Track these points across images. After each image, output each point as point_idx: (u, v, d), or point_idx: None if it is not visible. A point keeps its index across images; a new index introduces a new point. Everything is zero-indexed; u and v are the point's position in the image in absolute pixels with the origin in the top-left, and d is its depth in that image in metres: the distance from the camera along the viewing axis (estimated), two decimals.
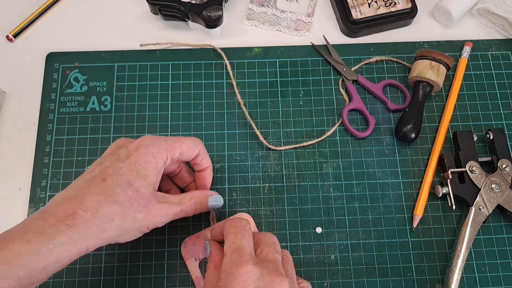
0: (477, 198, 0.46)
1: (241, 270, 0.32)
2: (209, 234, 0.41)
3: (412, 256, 0.46)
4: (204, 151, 0.43)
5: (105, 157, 0.38)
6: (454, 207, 0.46)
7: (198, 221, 0.47)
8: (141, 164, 0.37)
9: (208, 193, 0.43)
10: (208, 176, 0.44)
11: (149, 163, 0.37)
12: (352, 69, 0.53)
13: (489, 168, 0.48)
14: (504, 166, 0.47)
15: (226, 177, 0.49)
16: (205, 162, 0.43)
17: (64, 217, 0.32)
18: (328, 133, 0.50)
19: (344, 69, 0.53)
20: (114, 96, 0.52)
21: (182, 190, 0.46)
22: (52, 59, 0.53)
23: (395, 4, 0.55)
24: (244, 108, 0.51)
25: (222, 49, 0.54)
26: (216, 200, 0.43)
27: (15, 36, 0.55)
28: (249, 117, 0.50)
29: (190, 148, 0.40)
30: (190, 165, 0.47)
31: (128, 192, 0.35)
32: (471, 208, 0.45)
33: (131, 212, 0.35)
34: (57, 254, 0.31)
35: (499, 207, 0.46)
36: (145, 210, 0.36)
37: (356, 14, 0.54)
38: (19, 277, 0.30)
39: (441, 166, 0.49)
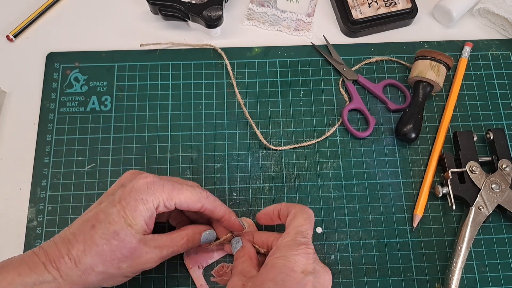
0: (477, 198, 0.46)
1: (303, 249, 0.35)
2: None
3: (412, 256, 0.46)
4: (212, 203, 0.40)
5: (107, 195, 0.38)
6: (454, 207, 0.46)
7: None
8: (130, 211, 0.36)
9: (202, 228, 0.41)
10: (230, 225, 0.42)
11: (138, 211, 0.36)
12: (352, 69, 0.53)
13: (489, 168, 0.48)
14: (504, 166, 0.47)
15: (226, 177, 0.49)
16: (217, 213, 0.41)
17: (52, 259, 0.34)
18: (328, 133, 0.50)
19: (344, 69, 0.53)
20: (114, 96, 0.52)
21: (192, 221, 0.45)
22: (52, 59, 0.53)
23: (395, 4, 0.55)
24: (244, 108, 0.51)
25: (222, 49, 0.54)
26: (209, 236, 0.41)
27: (16, 36, 0.55)
28: (249, 117, 0.50)
29: (190, 200, 0.38)
30: None
31: (113, 243, 0.35)
32: (471, 208, 0.45)
33: (114, 263, 0.35)
34: None
35: (499, 207, 0.46)
36: (130, 259, 0.36)
37: (356, 14, 0.54)
38: None
39: (441, 166, 0.49)
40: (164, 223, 0.45)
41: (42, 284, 0.33)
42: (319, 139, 0.50)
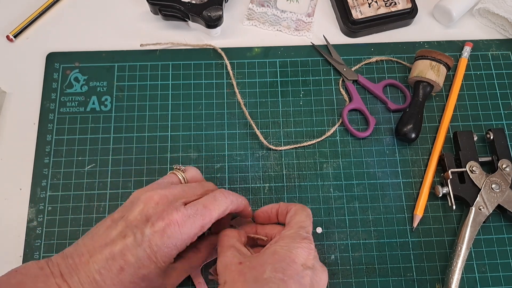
0: (477, 198, 0.46)
1: (306, 243, 0.36)
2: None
3: (412, 256, 0.46)
4: (236, 204, 0.39)
5: (130, 226, 0.35)
6: (454, 207, 0.46)
7: None
8: (161, 257, 0.34)
9: (214, 241, 0.41)
10: (245, 214, 0.42)
11: (169, 256, 0.35)
12: (352, 69, 0.53)
13: (489, 168, 0.48)
14: (504, 166, 0.47)
15: (226, 177, 0.49)
16: (239, 209, 0.40)
17: None
18: (328, 133, 0.50)
19: (344, 69, 0.53)
20: (114, 96, 0.52)
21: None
22: (52, 59, 0.53)
23: (395, 4, 0.55)
24: (244, 108, 0.51)
25: (222, 49, 0.54)
26: None
27: (16, 36, 0.55)
28: (249, 117, 0.50)
29: (219, 216, 0.37)
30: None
31: (141, 285, 0.34)
32: (471, 208, 0.45)
33: None
34: None
35: (499, 207, 0.45)
36: None
37: (356, 14, 0.54)
38: None
39: (441, 166, 0.49)
40: None
41: None
42: (319, 139, 0.50)
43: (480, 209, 0.45)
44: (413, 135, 0.48)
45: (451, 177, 0.46)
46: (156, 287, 0.36)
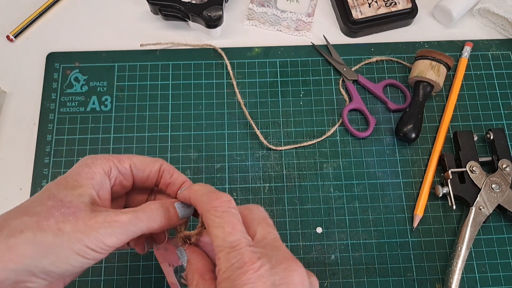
0: (478, 198, 0.46)
1: (248, 273, 0.26)
2: (180, 242, 0.34)
3: (412, 256, 0.46)
4: (171, 166, 0.35)
5: None
6: (454, 207, 0.46)
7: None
8: (72, 177, 0.31)
9: (171, 200, 0.34)
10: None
11: (82, 174, 0.31)
12: (353, 69, 0.53)
13: (490, 168, 0.48)
14: (504, 166, 0.47)
15: (227, 177, 0.49)
16: (176, 178, 0.35)
17: None
18: (329, 133, 0.50)
19: (345, 69, 0.53)
20: (114, 96, 0.52)
21: None
22: (53, 59, 0.53)
23: (395, 4, 0.55)
24: (244, 108, 0.51)
25: (223, 49, 0.54)
26: (183, 208, 0.34)
27: (16, 36, 0.55)
28: (249, 117, 0.50)
29: (145, 161, 0.34)
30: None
31: (48, 203, 0.28)
32: (472, 208, 0.45)
33: (51, 222, 0.27)
34: None
35: (499, 207, 0.45)
36: (74, 219, 0.28)
37: (356, 14, 0.54)
38: None
39: (442, 166, 0.49)
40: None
41: None
42: (319, 139, 0.50)
43: (480, 209, 0.45)
44: (413, 135, 0.48)
45: (451, 177, 0.46)
46: (75, 210, 0.28)
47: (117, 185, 0.34)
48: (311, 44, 0.55)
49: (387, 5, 0.55)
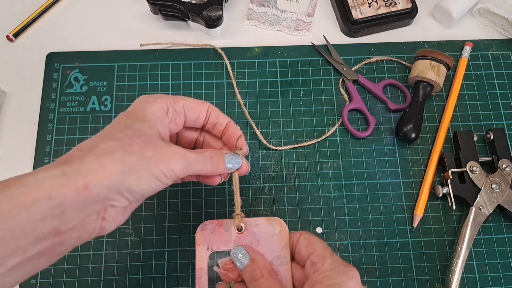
0: (478, 198, 0.46)
1: (352, 271, 0.31)
2: (233, 227, 0.37)
3: (412, 256, 0.46)
4: (217, 109, 0.39)
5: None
6: (454, 207, 0.46)
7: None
8: (138, 112, 0.34)
9: (223, 150, 0.38)
10: (234, 133, 0.39)
11: (147, 110, 0.34)
12: (352, 69, 0.53)
13: (490, 168, 0.48)
14: (504, 166, 0.47)
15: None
16: (222, 119, 0.39)
17: (58, 161, 0.30)
18: (328, 133, 0.50)
19: (344, 69, 0.53)
20: (114, 96, 0.52)
21: None
22: (52, 59, 0.53)
23: (395, 4, 0.55)
24: (244, 108, 0.51)
25: (222, 49, 0.54)
26: (233, 160, 0.37)
27: (16, 36, 0.55)
28: (249, 117, 0.50)
29: (195, 102, 0.38)
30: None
31: (127, 132, 0.32)
32: (472, 208, 0.45)
33: (135, 147, 0.31)
34: (47, 188, 0.27)
35: (499, 207, 0.45)
36: (152, 147, 0.32)
37: (356, 14, 0.54)
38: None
39: (441, 166, 0.49)
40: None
41: (47, 179, 0.28)
42: (319, 139, 0.50)
43: (480, 209, 0.45)
44: (413, 135, 0.48)
45: (451, 177, 0.46)
46: (151, 138, 0.32)
47: (172, 123, 0.37)
48: (311, 44, 0.55)
49: (387, 5, 0.55)
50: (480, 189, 0.46)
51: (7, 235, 0.26)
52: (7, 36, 0.54)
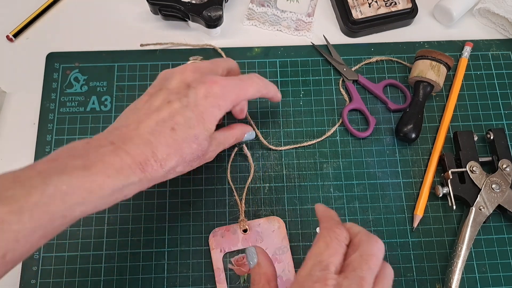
0: (478, 198, 0.46)
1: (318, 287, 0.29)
2: (239, 230, 0.45)
3: (412, 256, 0.46)
4: (266, 88, 0.43)
5: (173, 93, 0.37)
6: (454, 207, 0.46)
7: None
8: (207, 117, 0.37)
9: (246, 129, 0.45)
10: (274, 100, 0.46)
11: (214, 116, 0.38)
12: (353, 69, 0.53)
13: (490, 168, 0.48)
14: (504, 166, 0.47)
15: (227, 177, 0.48)
16: (270, 94, 0.45)
17: (139, 162, 0.33)
18: (329, 133, 0.50)
19: (345, 69, 0.53)
20: (114, 96, 0.52)
21: None
22: (52, 59, 0.53)
23: (395, 4, 0.55)
24: None
25: (222, 49, 0.54)
26: (250, 136, 0.46)
27: (15, 36, 0.55)
28: (249, 117, 0.50)
29: (253, 95, 0.41)
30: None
31: (193, 146, 0.36)
32: (472, 208, 0.45)
33: (191, 163, 0.37)
34: (127, 192, 0.34)
35: (499, 207, 0.45)
36: (200, 160, 0.38)
37: (356, 14, 0.54)
38: (95, 206, 0.32)
39: (442, 166, 0.49)
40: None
41: (129, 186, 0.33)
42: (319, 139, 0.50)
43: (480, 209, 0.45)
44: (413, 135, 0.48)
45: (451, 177, 0.46)
46: (203, 150, 0.38)
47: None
48: (311, 44, 0.55)
49: (387, 5, 0.55)
50: (480, 189, 0.46)
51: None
52: (7, 36, 0.54)
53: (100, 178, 0.31)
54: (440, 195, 0.47)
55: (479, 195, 0.46)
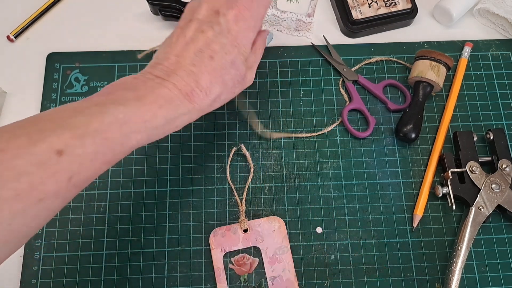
0: (477, 198, 0.46)
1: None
2: (239, 230, 0.45)
3: (412, 256, 0.46)
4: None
5: (204, 22, 0.38)
6: (454, 207, 0.46)
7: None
8: (241, 41, 0.38)
9: (264, 35, 0.45)
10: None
11: (248, 39, 0.39)
12: (352, 69, 0.53)
13: (489, 168, 0.48)
14: (504, 166, 0.47)
15: (227, 177, 0.49)
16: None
17: (186, 93, 0.35)
18: (328, 128, 0.50)
19: (344, 69, 0.53)
20: None
21: None
22: (53, 59, 0.53)
23: (395, 4, 0.55)
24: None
25: None
26: (270, 38, 0.50)
27: (16, 36, 0.55)
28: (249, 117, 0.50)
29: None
30: None
31: (232, 72, 0.38)
32: (471, 208, 0.45)
33: (233, 89, 0.39)
34: (178, 122, 0.36)
35: (499, 207, 0.46)
36: (241, 84, 0.40)
37: (356, 14, 0.54)
38: (149, 135, 0.34)
39: (441, 166, 0.49)
40: None
41: (180, 116, 0.35)
42: (318, 133, 0.50)
43: (480, 209, 0.45)
44: (413, 135, 0.48)
45: (451, 177, 0.47)
46: (242, 75, 0.39)
47: None
48: (311, 44, 0.55)
49: (387, 5, 0.55)
50: (480, 189, 0.46)
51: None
52: (8, 37, 0.54)
53: (153, 107, 0.33)
54: (440, 195, 0.47)
55: (478, 195, 0.46)
